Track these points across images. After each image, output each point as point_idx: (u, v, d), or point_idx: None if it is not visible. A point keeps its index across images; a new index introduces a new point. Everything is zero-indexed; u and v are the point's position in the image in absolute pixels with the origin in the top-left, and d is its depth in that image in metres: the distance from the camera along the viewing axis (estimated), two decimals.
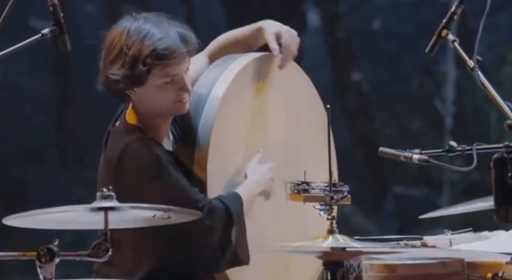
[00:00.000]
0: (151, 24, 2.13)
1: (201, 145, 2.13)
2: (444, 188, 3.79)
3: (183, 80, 2.13)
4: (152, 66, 2.10)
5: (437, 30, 2.13)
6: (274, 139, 2.27)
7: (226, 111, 2.17)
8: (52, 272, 1.78)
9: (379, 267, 2.01)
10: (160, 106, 2.15)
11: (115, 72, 2.12)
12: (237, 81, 2.19)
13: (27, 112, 3.56)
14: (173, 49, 2.10)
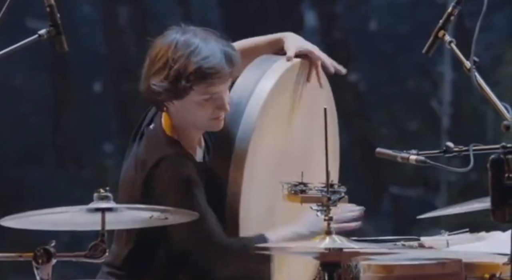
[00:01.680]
0: (199, 40, 2.13)
1: (238, 154, 2.13)
2: (441, 188, 3.79)
3: (222, 99, 2.14)
4: (195, 83, 2.11)
5: (434, 31, 2.13)
6: (296, 142, 2.28)
7: (265, 119, 2.17)
8: (49, 273, 1.78)
9: (376, 268, 2.01)
10: (195, 121, 2.17)
11: (158, 83, 2.12)
12: (277, 88, 2.19)
13: (24, 112, 3.56)
14: (218, 69, 2.11)
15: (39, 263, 1.77)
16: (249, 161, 2.15)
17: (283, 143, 2.25)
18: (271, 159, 2.22)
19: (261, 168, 2.20)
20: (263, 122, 2.19)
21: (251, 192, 2.16)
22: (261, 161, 2.19)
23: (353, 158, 3.72)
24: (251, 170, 2.17)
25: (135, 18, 3.71)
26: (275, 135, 2.23)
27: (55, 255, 1.79)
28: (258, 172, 2.19)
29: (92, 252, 1.81)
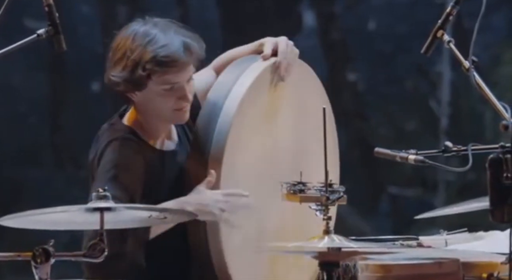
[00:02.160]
0: (158, 30, 2.14)
1: (216, 151, 2.13)
2: (440, 188, 3.79)
3: (183, 89, 2.14)
4: (151, 72, 2.12)
5: (433, 31, 2.13)
6: (285, 141, 2.27)
7: (242, 117, 2.18)
8: (48, 273, 1.78)
9: (375, 267, 2.02)
10: (159, 112, 2.17)
11: (117, 74, 2.14)
12: (254, 87, 2.20)
13: (23, 112, 3.56)
14: (173, 57, 2.11)
15: (38, 262, 1.77)
16: (227, 160, 2.14)
17: (269, 142, 2.24)
18: (255, 159, 2.21)
19: (242, 166, 2.18)
20: (241, 120, 2.17)
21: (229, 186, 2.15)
22: (241, 160, 2.18)
23: (352, 158, 3.72)
24: (229, 169, 2.15)
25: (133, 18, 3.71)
26: (257, 134, 2.22)
27: (54, 255, 1.79)
28: (239, 170, 2.17)
29: (90, 252, 1.81)
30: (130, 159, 2.12)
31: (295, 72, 2.28)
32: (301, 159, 2.29)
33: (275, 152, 2.25)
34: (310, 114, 2.32)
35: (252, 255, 2.17)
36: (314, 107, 2.31)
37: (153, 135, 2.19)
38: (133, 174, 2.11)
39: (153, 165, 2.16)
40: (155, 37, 2.12)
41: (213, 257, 2.14)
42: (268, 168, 2.24)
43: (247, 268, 2.16)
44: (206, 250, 2.14)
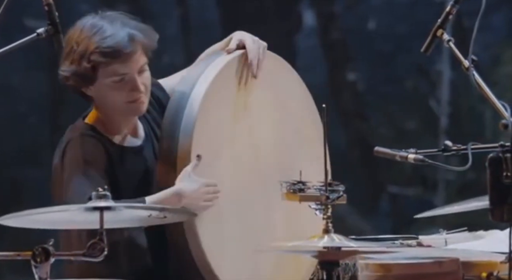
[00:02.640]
0: (105, 22, 2.15)
1: (183, 143, 2.12)
2: (439, 187, 3.79)
3: (134, 80, 2.14)
4: (96, 63, 2.12)
5: (432, 30, 2.13)
6: (263, 136, 2.26)
7: (209, 108, 2.16)
8: (47, 272, 1.78)
9: (374, 267, 2.01)
10: (113, 106, 2.17)
11: (65, 68, 2.15)
12: (220, 78, 2.19)
13: (22, 112, 3.56)
14: (117, 47, 2.11)
15: (38, 262, 1.77)
16: (195, 154, 2.12)
17: (244, 136, 2.22)
18: (229, 152, 2.18)
19: (214, 161, 2.15)
20: (207, 114, 2.15)
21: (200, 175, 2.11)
22: (213, 155, 2.16)
23: (352, 157, 3.72)
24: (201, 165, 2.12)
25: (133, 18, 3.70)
26: (229, 128, 2.20)
27: (54, 254, 1.78)
28: (212, 166, 2.14)
29: (90, 251, 1.81)
30: (92, 153, 2.12)
31: (267, 64, 2.26)
32: (283, 151, 2.27)
33: (254, 145, 2.23)
34: (288, 104, 2.30)
35: (237, 251, 2.16)
36: (291, 96, 2.30)
37: (114, 131, 2.19)
38: (98, 167, 2.11)
39: (113, 160, 2.15)
40: (101, 29, 2.12)
41: (195, 257, 2.13)
42: (248, 161, 2.22)
43: (231, 265, 2.15)
44: (187, 251, 2.13)
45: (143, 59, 2.16)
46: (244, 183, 2.21)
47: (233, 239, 2.17)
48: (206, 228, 2.13)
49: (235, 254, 2.16)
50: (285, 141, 2.29)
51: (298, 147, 2.30)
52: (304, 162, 2.24)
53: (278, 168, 2.25)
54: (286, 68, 2.32)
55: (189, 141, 2.12)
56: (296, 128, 2.31)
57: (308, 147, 2.27)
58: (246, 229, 2.19)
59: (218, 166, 2.18)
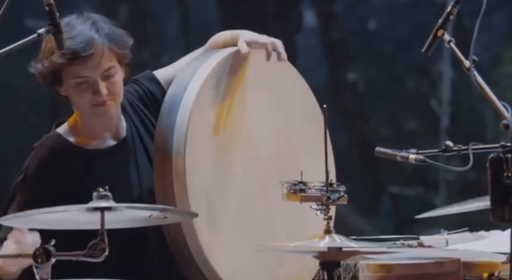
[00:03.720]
0: (78, 23, 2.16)
1: (178, 141, 2.11)
2: (440, 188, 3.79)
3: (96, 84, 2.15)
4: (55, 63, 2.13)
5: (433, 30, 2.13)
6: (262, 134, 2.25)
7: (203, 106, 2.16)
8: (48, 272, 1.78)
9: (375, 267, 2.01)
10: (79, 108, 2.19)
11: (33, 65, 2.17)
12: (214, 75, 2.18)
13: (22, 112, 3.56)
14: (73, 50, 2.12)
15: (39, 262, 1.77)
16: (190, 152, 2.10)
17: (242, 132, 2.20)
18: (226, 148, 2.17)
19: (210, 158, 2.14)
20: (202, 104, 2.14)
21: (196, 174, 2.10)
22: (209, 152, 2.14)
23: (352, 157, 3.72)
24: (195, 161, 2.12)
25: (133, 18, 3.71)
26: (222, 117, 2.19)
27: (54, 254, 1.78)
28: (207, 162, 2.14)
29: (91, 251, 1.81)
30: (38, 168, 2.15)
31: (263, 62, 2.23)
32: (283, 149, 2.26)
33: (252, 144, 2.23)
34: (288, 101, 2.29)
35: (237, 250, 2.15)
36: (291, 93, 2.28)
37: (93, 134, 2.20)
38: (37, 184, 2.14)
39: (78, 166, 2.16)
40: (69, 30, 2.13)
41: (195, 256, 2.12)
42: (246, 160, 2.21)
43: (232, 263, 2.14)
44: (187, 250, 2.12)
45: (108, 63, 2.16)
46: (242, 181, 2.20)
47: (232, 238, 2.16)
48: (204, 227, 2.12)
49: (235, 253, 2.16)
50: (286, 139, 2.28)
51: (300, 145, 2.29)
52: (306, 160, 2.22)
53: (279, 167, 2.24)
54: (284, 65, 2.30)
55: (183, 139, 2.11)
56: (298, 125, 2.30)
57: (311, 144, 2.25)
58: (246, 227, 2.19)
59: (216, 164, 2.17)
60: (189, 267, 2.14)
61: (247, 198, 2.20)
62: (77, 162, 2.17)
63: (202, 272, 2.13)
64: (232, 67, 2.21)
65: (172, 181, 2.11)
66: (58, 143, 2.18)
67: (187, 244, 2.12)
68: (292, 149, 2.28)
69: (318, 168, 2.04)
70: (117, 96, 2.18)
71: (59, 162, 2.16)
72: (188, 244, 2.12)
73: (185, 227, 2.11)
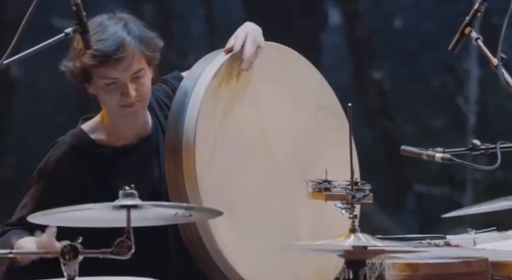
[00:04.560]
0: (110, 23, 2.17)
1: (187, 140, 2.12)
2: (467, 187, 3.75)
3: (125, 86, 2.16)
4: (86, 64, 2.15)
5: (460, 28, 2.11)
6: (277, 129, 2.24)
7: (212, 103, 2.15)
8: (76, 270, 1.79)
9: (402, 266, 2.00)
10: (107, 107, 2.21)
11: (64, 63, 2.20)
12: (222, 72, 2.18)
13: (50, 111, 3.59)
14: (104, 52, 2.14)
15: (66, 259, 1.79)
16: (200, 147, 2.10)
17: (256, 129, 2.19)
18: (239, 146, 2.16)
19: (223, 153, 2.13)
20: (210, 103, 2.14)
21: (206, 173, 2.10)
22: (221, 148, 2.14)
23: (377, 156, 3.70)
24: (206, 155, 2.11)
25: (159, 17, 3.72)
26: (233, 114, 2.17)
27: (82, 252, 1.80)
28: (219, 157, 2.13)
29: (118, 249, 1.82)
30: (55, 164, 2.17)
31: (272, 56, 2.23)
32: (300, 144, 2.24)
33: (267, 140, 2.22)
34: (301, 94, 2.26)
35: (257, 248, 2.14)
36: (304, 86, 2.26)
37: (115, 132, 2.21)
38: (52, 178, 2.15)
39: (99, 164, 2.16)
40: (101, 31, 2.14)
41: (212, 255, 2.12)
42: (261, 156, 2.19)
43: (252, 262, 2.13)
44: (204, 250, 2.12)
45: (138, 65, 2.16)
46: (260, 179, 2.19)
47: (251, 236, 2.16)
48: (220, 225, 2.11)
49: (256, 252, 2.15)
50: (302, 133, 2.27)
51: (317, 139, 2.27)
52: (325, 154, 2.20)
53: (297, 162, 2.22)
54: (296, 58, 2.28)
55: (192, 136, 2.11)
56: (314, 119, 2.28)
57: (329, 137, 2.23)
58: (265, 226, 2.18)
59: (229, 163, 2.16)
60: (209, 267, 2.14)
61: (265, 196, 2.19)
62: (99, 160, 2.18)
63: (222, 272, 2.13)
64: (240, 64, 2.19)
65: (184, 183, 2.11)
66: (79, 140, 2.20)
67: (204, 245, 2.12)
68: (310, 144, 2.27)
69: (338, 162, 2.03)
70: (145, 98, 2.20)
71: (77, 159, 2.18)
72: (205, 244, 2.12)
73: (201, 228, 2.11)
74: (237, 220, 2.15)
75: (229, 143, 2.17)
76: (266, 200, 2.20)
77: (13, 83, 3.62)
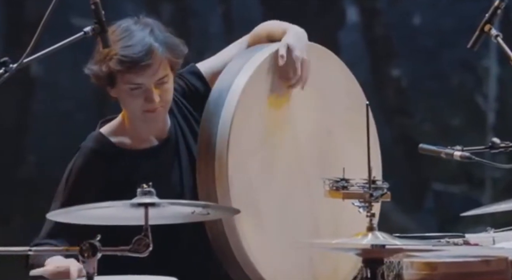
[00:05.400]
0: (137, 29, 2.17)
1: (221, 143, 2.12)
2: (486, 185, 3.73)
3: (149, 91, 2.16)
4: (112, 69, 2.15)
5: (480, 25, 2.10)
6: (306, 129, 2.23)
7: (248, 102, 2.15)
8: (95, 267, 1.81)
9: (420, 265, 1.99)
10: (130, 111, 2.21)
11: (89, 66, 2.20)
12: (258, 74, 2.17)
13: (69, 110, 3.62)
14: (132, 58, 2.13)
15: (85, 257, 1.80)
16: (233, 149, 2.10)
17: (286, 132, 2.19)
18: (270, 148, 2.16)
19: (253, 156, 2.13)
20: (245, 105, 2.13)
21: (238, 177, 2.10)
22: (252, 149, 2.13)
23: (396, 154, 3.68)
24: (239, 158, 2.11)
25: (176, 15, 3.73)
26: (266, 116, 2.17)
27: (100, 249, 1.81)
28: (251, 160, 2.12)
29: (136, 247, 1.83)
30: (80, 171, 2.19)
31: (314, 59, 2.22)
32: (327, 143, 2.24)
33: (296, 139, 2.21)
34: (331, 90, 2.25)
35: (279, 247, 2.14)
36: (334, 82, 2.25)
37: (136, 135, 2.22)
38: (78, 186, 2.18)
39: (120, 167, 2.18)
40: (127, 36, 2.14)
41: (236, 254, 2.12)
42: (289, 154, 2.19)
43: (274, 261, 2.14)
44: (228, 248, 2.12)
45: (164, 71, 2.16)
46: (285, 178, 2.19)
47: (274, 235, 2.16)
48: (246, 224, 2.12)
49: (278, 251, 2.16)
50: (330, 133, 2.26)
51: (344, 139, 2.25)
52: (351, 154, 2.18)
53: (323, 162, 2.22)
54: (328, 55, 2.27)
55: (227, 134, 2.12)
56: (342, 118, 2.26)
57: (356, 137, 2.18)
58: (289, 225, 2.18)
59: (259, 163, 2.17)
60: (231, 266, 2.14)
61: (290, 195, 2.20)
62: (119, 162, 2.20)
63: (244, 271, 2.13)
64: (276, 65, 2.19)
65: (214, 183, 2.11)
66: (100, 144, 2.21)
67: (228, 243, 2.12)
68: (336, 144, 2.26)
69: (364, 163, 2.02)
70: (167, 103, 2.20)
71: (101, 164, 2.19)
72: (230, 243, 2.12)
73: (227, 226, 2.12)
74: (263, 221, 2.15)
75: (260, 146, 2.17)
76: (290, 200, 2.19)
77: (32, 81, 3.65)
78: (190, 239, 2.21)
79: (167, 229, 1.96)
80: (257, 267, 2.12)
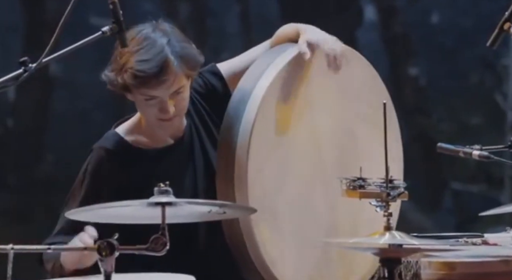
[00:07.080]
0: (151, 41, 2.16)
1: (243, 138, 2.12)
2: (506, 184, 3.70)
3: (164, 103, 2.16)
4: (127, 82, 2.16)
5: (499, 23, 2.08)
6: (325, 127, 2.22)
7: (269, 105, 2.15)
8: (112, 265, 1.82)
9: (438, 265, 1.98)
10: (145, 117, 2.23)
11: (106, 73, 2.21)
12: (280, 78, 2.17)
13: (88, 108, 3.64)
14: (147, 73, 2.13)
15: (103, 255, 1.81)
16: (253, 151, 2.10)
17: (307, 132, 2.18)
18: (290, 149, 2.15)
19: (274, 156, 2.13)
20: (268, 108, 2.13)
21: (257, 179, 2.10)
22: (273, 150, 2.13)
23: (414, 153, 3.66)
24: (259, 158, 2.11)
25: (194, 14, 3.74)
26: (288, 118, 2.17)
27: (118, 248, 1.82)
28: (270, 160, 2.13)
29: (153, 245, 1.84)
30: (95, 170, 2.19)
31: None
32: (348, 143, 2.23)
33: (316, 140, 2.20)
34: (352, 87, 2.24)
35: (296, 248, 2.14)
36: (356, 79, 2.23)
37: (151, 136, 2.23)
38: (93, 186, 2.19)
39: (135, 166, 2.18)
40: (145, 47, 2.14)
41: (252, 254, 2.12)
42: (309, 154, 2.18)
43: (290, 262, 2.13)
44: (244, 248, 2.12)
45: (178, 84, 2.16)
46: (304, 178, 2.19)
47: (292, 237, 2.16)
48: (262, 224, 2.12)
49: (294, 252, 2.15)
50: (351, 132, 2.25)
51: (365, 137, 2.24)
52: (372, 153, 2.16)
53: (342, 161, 2.20)
54: (349, 51, 2.24)
55: (248, 135, 2.12)
56: (364, 116, 2.24)
57: (378, 135, 2.13)
58: (306, 226, 2.18)
59: (279, 164, 2.16)
60: (247, 267, 2.14)
61: (308, 196, 2.19)
62: (135, 162, 2.20)
63: (260, 273, 2.13)
64: (298, 67, 2.19)
65: (233, 190, 2.11)
66: (115, 144, 2.22)
67: (245, 245, 2.12)
68: (358, 143, 2.24)
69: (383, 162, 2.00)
70: (183, 110, 2.21)
71: (115, 163, 2.20)
72: (247, 244, 2.12)
73: (244, 227, 2.12)
74: (279, 221, 2.15)
75: (281, 148, 2.17)
76: (308, 201, 2.19)
77: (51, 81, 3.68)
78: (207, 239, 2.21)
79: (184, 228, 1.97)
80: (273, 269, 2.12)
